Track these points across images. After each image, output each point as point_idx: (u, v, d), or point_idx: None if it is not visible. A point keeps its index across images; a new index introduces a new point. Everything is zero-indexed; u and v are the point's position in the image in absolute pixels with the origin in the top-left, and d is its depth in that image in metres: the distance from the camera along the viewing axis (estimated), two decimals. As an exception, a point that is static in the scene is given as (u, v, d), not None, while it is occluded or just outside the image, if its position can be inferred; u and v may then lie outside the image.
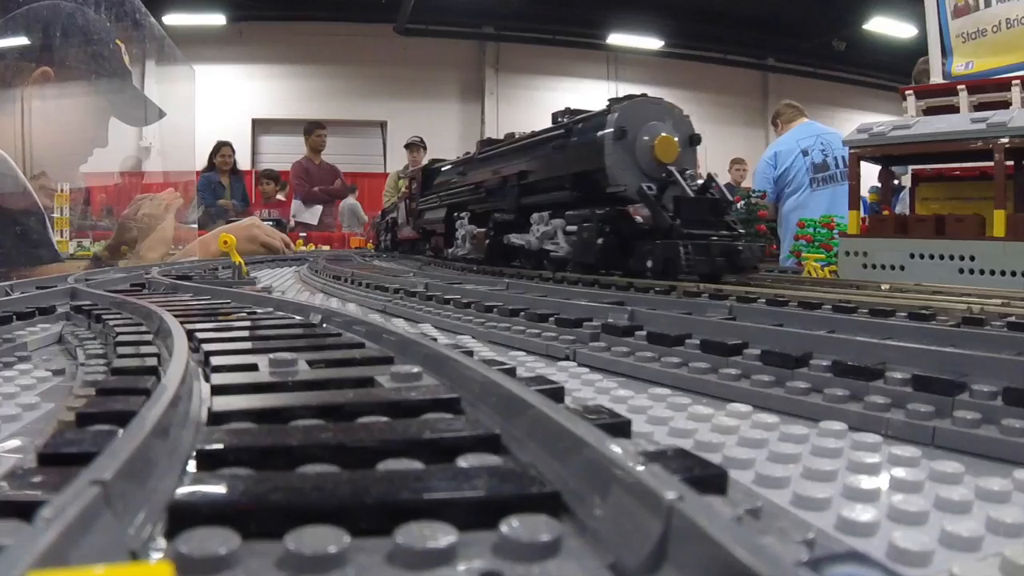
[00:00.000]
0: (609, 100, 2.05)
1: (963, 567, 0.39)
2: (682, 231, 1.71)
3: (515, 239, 2.35)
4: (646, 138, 1.91)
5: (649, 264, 1.73)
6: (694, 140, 2.01)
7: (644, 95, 2.06)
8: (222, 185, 6.08)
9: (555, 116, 2.36)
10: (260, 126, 10.07)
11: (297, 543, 0.29)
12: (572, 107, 2.35)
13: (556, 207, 2.13)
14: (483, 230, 2.55)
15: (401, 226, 4.12)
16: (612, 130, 1.90)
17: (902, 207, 3.03)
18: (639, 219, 1.90)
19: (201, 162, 5.82)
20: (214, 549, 0.29)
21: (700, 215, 1.79)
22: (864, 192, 2.70)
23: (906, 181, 2.85)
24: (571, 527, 0.34)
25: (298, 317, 1.01)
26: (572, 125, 2.10)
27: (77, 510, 0.27)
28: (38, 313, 1.18)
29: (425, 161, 6.20)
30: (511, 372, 0.65)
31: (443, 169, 3.46)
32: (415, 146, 6.59)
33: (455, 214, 2.96)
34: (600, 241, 1.86)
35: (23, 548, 0.24)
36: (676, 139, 1.92)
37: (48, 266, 2.43)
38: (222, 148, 6.20)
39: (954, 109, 2.54)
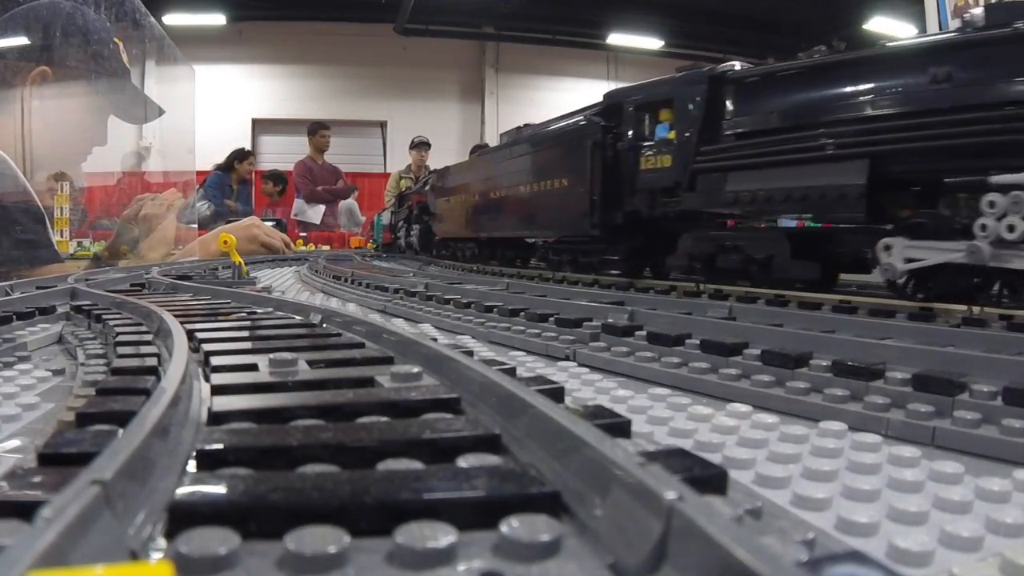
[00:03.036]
0: None
1: (963, 567, 0.39)
2: None
3: None
4: None
5: None
6: None
7: None
8: (231, 187, 6.13)
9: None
10: (260, 126, 10.05)
11: (297, 543, 0.29)
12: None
13: None
14: None
15: (481, 216, 2.68)
16: None
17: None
18: None
19: (202, 162, 5.81)
20: (214, 549, 0.29)
21: None
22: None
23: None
24: (571, 527, 0.34)
25: (298, 317, 1.01)
26: None
27: (77, 510, 0.27)
28: (38, 313, 1.18)
29: (430, 163, 6.22)
30: (511, 372, 0.65)
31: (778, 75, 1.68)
32: (422, 145, 6.60)
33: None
34: None
35: (23, 548, 0.24)
36: None
37: (48, 266, 2.42)
38: (249, 156, 6.35)
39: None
